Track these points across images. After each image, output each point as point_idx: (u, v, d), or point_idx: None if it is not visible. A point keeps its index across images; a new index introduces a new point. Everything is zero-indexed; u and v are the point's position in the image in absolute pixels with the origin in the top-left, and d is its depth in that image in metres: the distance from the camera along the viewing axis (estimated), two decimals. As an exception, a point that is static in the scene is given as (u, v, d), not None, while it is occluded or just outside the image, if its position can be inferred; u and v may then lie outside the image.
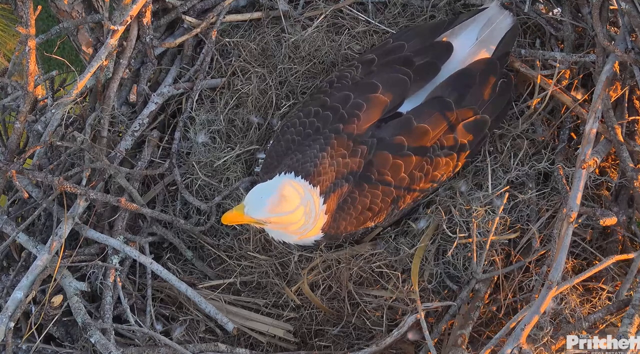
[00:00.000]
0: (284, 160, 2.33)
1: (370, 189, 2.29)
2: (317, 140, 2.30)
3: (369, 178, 2.28)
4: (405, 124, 2.33)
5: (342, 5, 2.92)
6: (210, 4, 2.89)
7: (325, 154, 2.26)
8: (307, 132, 2.35)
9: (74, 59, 4.25)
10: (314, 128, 2.34)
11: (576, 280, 2.03)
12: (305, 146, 2.31)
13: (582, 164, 2.19)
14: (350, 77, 2.44)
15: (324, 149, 2.27)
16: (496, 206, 2.40)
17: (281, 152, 2.37)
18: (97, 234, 2.45)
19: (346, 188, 2.26)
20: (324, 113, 2.35)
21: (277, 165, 2.35)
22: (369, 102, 2.34)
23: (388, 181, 2.28)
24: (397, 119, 2.36)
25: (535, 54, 2.64)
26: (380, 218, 2.36)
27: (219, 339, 2.41)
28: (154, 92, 2.76)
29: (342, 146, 2.28)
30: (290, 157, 2.31)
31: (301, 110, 2.43)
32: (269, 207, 2.16)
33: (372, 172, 2.28)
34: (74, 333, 2.38)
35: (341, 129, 2.30)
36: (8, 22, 4.35)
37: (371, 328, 2.45)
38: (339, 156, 2.27)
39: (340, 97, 2.37)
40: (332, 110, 2.34)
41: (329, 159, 2.26)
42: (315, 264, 2.44)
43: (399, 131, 2.32)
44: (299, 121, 2.38)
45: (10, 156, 2.48)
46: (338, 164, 2.26)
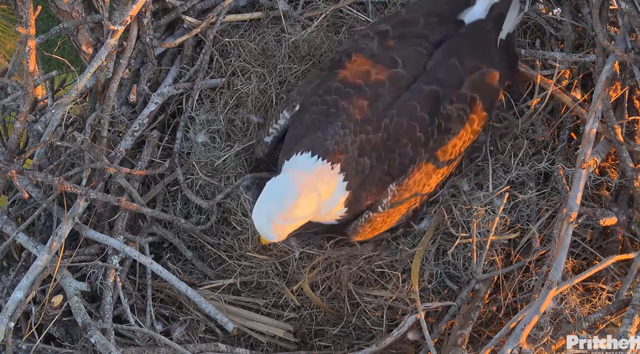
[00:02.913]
0: (303, 140, 2.28)
1: (387, 154, 2.26)
2: (340, 117, 2.26)
3: (387, 146, 2.26)
4: (417, 91, 2.31)
5: (342, 5, 2.92)
6: (210, 4, 2.89)
7: (348, 130, 2.23)
8: (330, 111, 2.30)
9: (74, 59, 4.24)
10: (336, 105, 2.30)
11: (576, 280, 2.03)
12: (327, 123, 2.27)
13: (582, 164, 2.19)
14: (367, 49, 2.39)
15: (347, 125, 2.24)
16: (496, 205, 2.40)
17: (302, 134, 2.32)
18: (97, 234, 2.45)
19: (369, 164, 2.24)
20: (345, 90, 2.30)
21: (294, 146, 2.30)
22: (391, 78, 2.31)
23: (404, 142, 2.25)
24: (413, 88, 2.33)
25: (535, 54, 2.64)
26: (402, 185, 2.29)
27: (219, 339, 2.41)
28: (154, 92, 2.76)
29: (365, 122, 2.25)
30: (309, 136, 2.28)
31: (320, 86, 2.37)
32: (278, 230, 2.15)
33: (390, 139, 2.25)
34: (74, 333, 2.38)
35: (365, 106, 2.27)
36: (8, 22, 4.35)
37: (371, 328, 2.45)
38: (362, 132, 2.24)
39: (361, 73, 2.33)
40: (354, 87, 2.30)
41: (352, 135, 2.23)
42: (316, 262, 2.44)
43: (415, 97, 2.30)
44: (320, 99, 2.33)
45: (10, 156, 2.48)
46: (361, 140, 2.23)
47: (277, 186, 2.17)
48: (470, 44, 2.41)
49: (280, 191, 2.15)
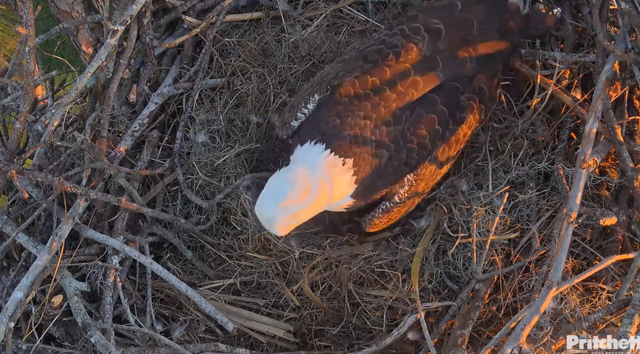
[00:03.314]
0: (321, 125, 2.27)
1: (405, 144, 2.26)
2: (364, 106, 2.27)
3: (406, 137, 2.26)
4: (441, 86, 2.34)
5: (342, 5, 2.92)
6: (210, 4, 2.89)
7: (369, 122, 2.24)
8: (358, 103, 2.29)
9: (74, 59, 4.24)
10: (366, 97, 2.29)
11: (576, 280, 2.03)
12: (349, 111, 2.27)
13: (582, 164, 2.19)
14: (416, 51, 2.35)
15: (369, 115, 2.24)
16: (496, 205, 2.40)
17: (323, 119, 2.30)
18: (97, 234, 2.45)
19: (387, 155, 2.24)
20: (380, 86, 2.30)
21: (311, 131, 2.28)
22: (425, 80, 2.31)
23: (422, 134, 2.27)
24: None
25: (535, 54, 2.64)
26: (419, 175, 2.31)
27: (219, 339, 2.41)
28: (154, 92, 2.76)
29: (388, 113, 2.26)
30: (328, 122, 2.27)
31: (357, 77, 2.32)
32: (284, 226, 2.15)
33: (410, 130, 2.27)
34: (74, 333, 2.38)
35: (393, 100, 2.28)
36: (8, 22, 4.36)
37: (371, 328, 2.45)
38: (383, 124, 2.25)
39: (400, 71, 2.32)
40: (389, 83, 2.30)
41: (372, 127, 2.23)
42: (316, 262, 2.44)
43: (436, 91, 2.32)
44: (354, 90, 2.30)
45: (10, 156, 2.48)
46: (381, 132, 2.24)
47: (282, 181, 2.15)
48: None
49: (284, 188, 2.13)
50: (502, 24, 2.46)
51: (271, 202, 2.12)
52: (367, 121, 2.24)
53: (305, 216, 2.17)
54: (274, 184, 2.15)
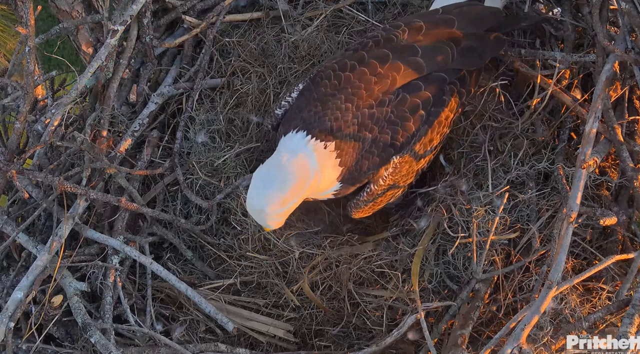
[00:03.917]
0: (302, 113, 2.30)
1: (389, 126, 2.27)
2: (345, 89, 2.29)
3: (389, 119, 2.28)
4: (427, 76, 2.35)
5: (342, 5, 2.92)
6: (210, 4, 2.90)
7: (350, 104, 2.25)
8: (339, 86, 2.31)
9: (74, 59, 4.24)
10: (346, 81, 2.32)
11: (576, 280, 2.03)
12: (329, 96, 2.29)
13: (582, 164, 2.19)
14: (396, 41, 2.40)
15: (350, 98, 2.26)
16: (496, 205, 2.39)
17: (303, 106, 2.33)
18: (97, 234, 2.45)
19: (370, 137, 2.25)
20: (360, 68, 2.32)
21: (293, 120, 2.31)
22: (406, 64, 2.33)
23: (406, 116, 2.28)
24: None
25: (535, 54, 2.64)
26: (404, 156, 2.32)
27: (219, 339, 2.41)
28: (154, 92, 2.77)
29: (370, 96, 2.27)
30: (309, 110, 2.29)
31: (337, 62, 2.39)
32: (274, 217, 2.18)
33: (394, 113, 2.28)
34: (74, 333, 2.38)
35: (373, 83, 2.30)
36: (8, 22, 4.36)
37: (371, 328, 2.45)
38: (365, 106, 2.26)
39: (379, 55, 2.34)
40: (369, 67, 2.32)
41: (354, 110, 2.25)
42: (316, 262, 2.44)
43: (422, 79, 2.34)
44: (333, 74, 2.34)
45: (10, 156, 2.48)
46: (363, 115, 2.25)
47: (267, 171, 2.17)
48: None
49: (270, 178, 2.15)
50: (483, 22, 2.47)
51: (258, 196, 2.14)
52: (348, 104, 2.26)
53: (294, 200, 2.18)
54: (259, 177, 2.17)
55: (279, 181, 2.13)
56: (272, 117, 2.46)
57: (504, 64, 2.69)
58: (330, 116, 2.24)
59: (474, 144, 2.61)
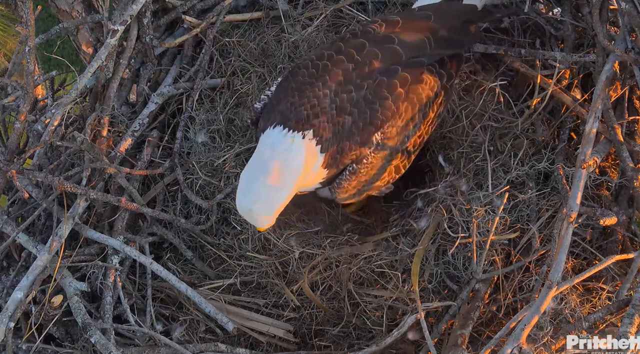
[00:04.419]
0: (279, 106, 2.30)
1: (368, 106, 2.26)
2: (322, 77, 2.29)
3: (368, 100, 2.27)
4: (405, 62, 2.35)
5: (342, 5, 2.92)
6: (210, 4, 2.90)
7: (328, 91, 2.26)
8: (317, 74, 2.31)
9: (74, 59, 4.25)
10: (324, 69, 2.32)
11: (576, 280, 2.03)
12: (307, 84, 2.29)
13: (582, 164, 2.19)
14: (373, 34, 2.40)
15: (327, 85, 2.27)
16: (496, 205, 2.40)
17: (281, 98, 2.33)
18: (97, 234, 2.45)
19: (350, 119, 2.25)
20: (337, 57, 2.33)
21: (271, 114, 2.31)
22: (384, 51, 2.33)
23: (385, 95, 2.27)
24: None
25: (535, 53, 2.64)
26: (386, 133, 2.29)
27: (219, 339, 2.41)
28: (154, 92, 2.77)
29: (349, 83, 2.27)
30: (285, 102, 2.29)
31: (315, 54, 2.40)
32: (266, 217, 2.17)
33: (371, 94, 2.27)
34: (74, 333, 2.38)
35: (351, 69, 2.29)
36: (8, 22, 4.36)
37: (371, 328, 2.45)
38: (344, 91, 2.26)
39: (356, 44, 2.35)
40: (347, 55, 2.33)
41: (332, 95, 2.25)
42: (316, 262, 2.44)
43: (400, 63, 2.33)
44: (311, 63, 2.34)
45: (10, 156, 2.49)
46: (342, 100, 2.25)
47: (251, 171, 2.17)
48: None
49: (255, 177, 2.15)
50: (459, 16, 2.48)
51: (245, 196, 2.14)
52: (325, 90, 2.25)
53: (284, 198, 2.17)
54: (245, 178, 2.17)
55: (266, 180, 2.12)
56: (252, 112, 2.44)
57: (504, 64, 2.69)
58: (306, 105, 2.23)
59: (473, 144, 2.60)
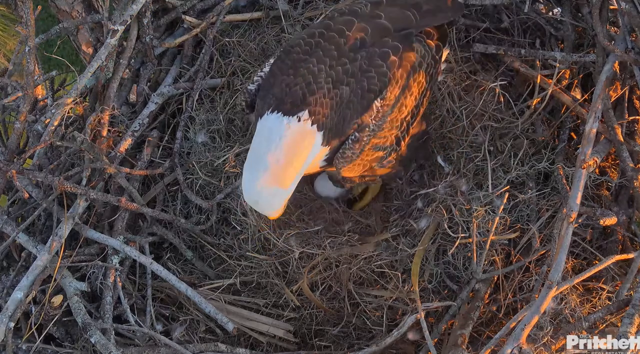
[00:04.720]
0: (274, 89, 2.28)
1: (364, 74, 2.27)
2: (316, 53, 2.30)
3: (363, 69, 2.27)
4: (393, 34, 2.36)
5: (342, 6, 2.91)
6: (210, 4, 2.90)
7: (322, 65, 2.26)
8: (310, 51, 2.31)
9: (74, 59, 4.24)
10: (317, 46, 2.32)
11: (576, 280, 2.03)
12: (301, 61, 2.29)
13: (582, 164, 2.20)
14: (360, 12, 2.40)
15: (322, 60, 2.27)
16: (496, 205, 2.40)
17: (276, 80, 2.31)
18: (97, 234, 2.45)
19: (347, 90, 2.24)
20: (328, 34, 2.33)
21: (266, 98, 2.29)
22: (372, 26, 2.33)
23: (379, 63, 2.28)
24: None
25: (535, 53, 2.64)
26: (385, 99, 2.29)
27: (219, 339, 2.41)
28: (154, 92, 2.77)
29: (342, 56, 2.28)
30: (281, 80, 2.27)
31: (305, 33, 2.41)
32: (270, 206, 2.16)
33: (366, 64, 2.27)
34: (74, 333, 2.38)
35: (343, 43, 2.30)
36: (8, 22, 4.36)
37: (371, 328, 2.45)
38: (338, 64, 2.27)
39: (344, 21, 2.36)
40: (337, 31, 2.33)
41: (327, 69, 2.26)
42: (316, 262, 2.44)
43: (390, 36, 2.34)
44: (304, 41, 2.35)
45: (10, 156, 2.49)
46: (337, 72, 2.25)
47: (254, 161, 2.16)
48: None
49: (257, 167, 2.14)
50: None
51: (251, 187, 2.13)
52: (321, 65, 2.26)
53: (289, 183, 2.17)
54: (248, 168, 2.16)
55: (267, 168, 2.11)
56: (246, 94, 2.41)
57: (504, 64, 2.69)
58: (301, 83, 2.23)
59: (473, 144, 2.61)
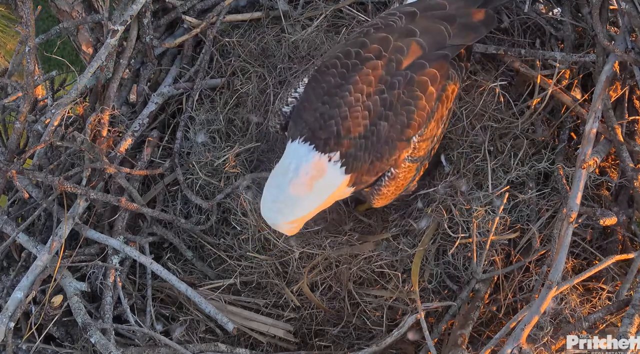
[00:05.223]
0: (306, 115, 2.24)
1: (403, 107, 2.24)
2: (352, 77, 2.25)
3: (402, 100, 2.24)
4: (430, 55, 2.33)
5: (342, 5, 2.92)
6: (210, 4, 2.90)
7: (359, 95, 2.21)
8: (346, 75, 2.27)
9: (74, 59, 4.25)
10: (354, 68, 2.27)
11: (576, 280, 2.03)
12: (337, 88, 2.24)
13: (582, 164, 2.20)
14: (395, 28, 2.36)
15: (358, 87, 2.22)
16: (496, 206, 2.40)
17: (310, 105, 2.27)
18: (97, 234, 2.45)
19: (385, 125, 2.21)
20: (365, 55, 2.29)
21: (298, 123, 2.26)
22: (408, 45, 2.30)
23: (418, 95, 2.25)
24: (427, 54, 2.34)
25: (535, 54, 2.64)
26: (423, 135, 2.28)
27: (219, 339, 2.41)
28: (154, 92, 2.77)
29: (380, 81, 2.24)
30: (315, 108, 2.24)
31: (341, 51, 2.33)
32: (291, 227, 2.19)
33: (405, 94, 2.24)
34: (74, 333, 2.38)
35: (380, 66, 2.26)
36: (8, 22, 4.36)
37: (371, 328, 2.45)
38: (376, 93, 2.22)
39: (380, 39, 2.31)
40: (373, 51, 2.29)
41: (364, 99, 2.21)
42: (316, 262, 2.44)
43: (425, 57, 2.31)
44: (339, 62, 2.30)
45: (10, 156, 2.49)
46: (374, 103, 2.21)
47: (278, 185, 2.15)
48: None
49: (281, 194, 2.14)
50: (473, 1, 2.45)
51: (271, 211, 2.15)
52: (357, 94, 2.22)
53: (310, 215, 2.19)
54: (270, 190, 2.16)
55: (290, 200, 2.12)
56: (280, 116, 2.38)
57: (504, 64, 2.69)
58: (337, 118, 2.19)
59: (473, 144, 2.60)
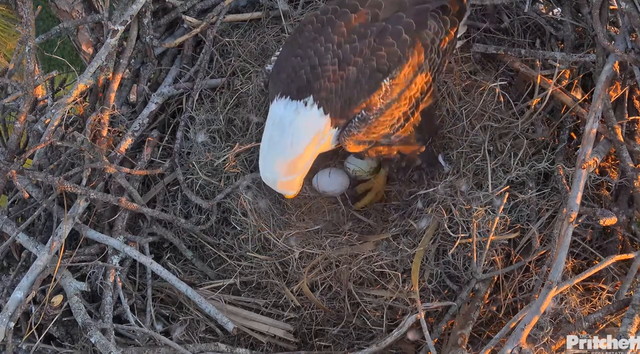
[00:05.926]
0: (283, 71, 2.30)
1: (374, 53, 2.25)
2: (325, 30, 2.30)
3: (373, 47, 2.26)
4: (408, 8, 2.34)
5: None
6: (210, 4, 2.90)
7: (330, 44, 2.27)
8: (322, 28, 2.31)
9: (74, 59, 4.24)
10: (328, 22, 2.32)
11: (576, 280, 2.03)
12: (311, 41, 2.30)
13: (582, 164, 2.20)
14: None
15: (330, 38, 2.27)
16: (496, 205, 2.40)
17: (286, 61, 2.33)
18: (97, 234, 2.45)
19: (354, 70, 2.24)
20: (341, 10, 2.33)
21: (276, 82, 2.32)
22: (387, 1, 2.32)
23: (390, 42, 2.26)
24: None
25: (535, 54, 2.64)
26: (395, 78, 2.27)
27: (219, 339, 2.41)
28: (154, 92, 2.77)
29: (352, 33, 2.28)
30: (289, 65, 2.29)
31: (319, 9, 2.42)
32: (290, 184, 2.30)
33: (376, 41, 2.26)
34: (74, 333, 2.38)
35: (354, 19, 2.30)
36: (8, 22, 4.36)
37: (371, 328, 2.45)
38: (347, 42, 2.26)
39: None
40: (350, 7, 2.33)
41: (334, 48, 2.26)
42: (316, 262, 2.44)
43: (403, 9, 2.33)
44: (316, 18, 2.35)
45: (10, 156, 2.49)
46: (344, 51, 2.25)
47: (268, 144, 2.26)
48: None
49: (273, 150, 2.25)
50: None
51: (268, 168, 2.28)
52: (328, 44, 2.27)
53: (303, 165, 2.27)
54: (264, 150, 2.28)
55: (282, 153, 2.23)
56: (264, 74, 2.47)
57: (504, 64, 2.69)
58: (306, 67, 2.25)
59: (473, 144, 2.61)
